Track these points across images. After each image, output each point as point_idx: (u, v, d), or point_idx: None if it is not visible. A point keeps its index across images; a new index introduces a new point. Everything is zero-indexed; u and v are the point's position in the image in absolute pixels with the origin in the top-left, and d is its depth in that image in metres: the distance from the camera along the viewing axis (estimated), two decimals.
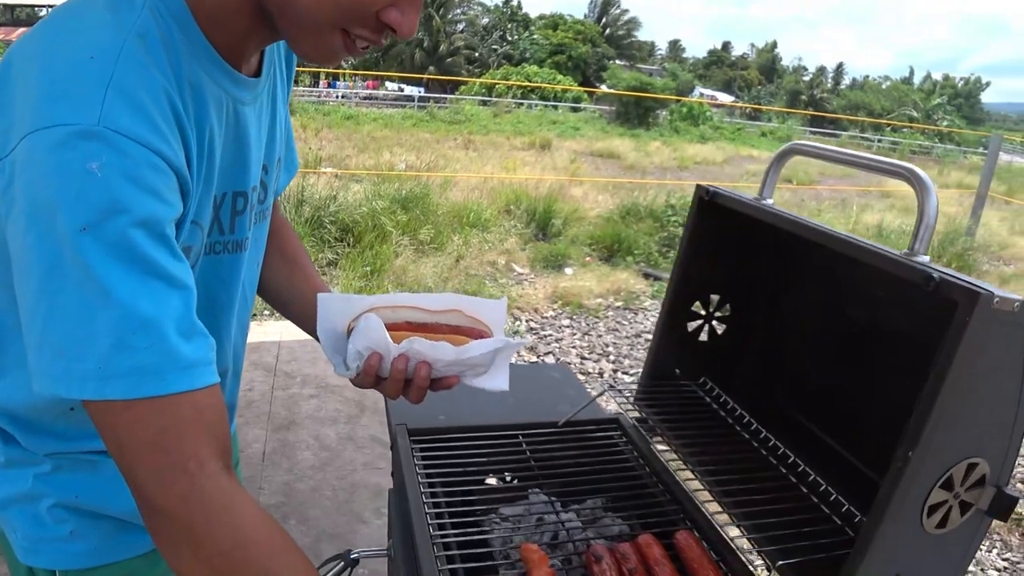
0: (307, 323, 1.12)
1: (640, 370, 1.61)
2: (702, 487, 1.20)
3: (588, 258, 7.52)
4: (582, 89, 27.42)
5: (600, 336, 5.67)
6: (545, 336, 5.55)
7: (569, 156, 14.51)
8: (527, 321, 5.81)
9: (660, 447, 1.32)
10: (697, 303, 1.39)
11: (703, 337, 1.42)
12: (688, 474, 1.24)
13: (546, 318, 5.96)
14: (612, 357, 5.28)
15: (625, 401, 1.36)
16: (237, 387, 1.10)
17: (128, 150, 0.67)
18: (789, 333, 1.34)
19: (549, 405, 1.48)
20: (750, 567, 1.04)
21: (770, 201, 1.20)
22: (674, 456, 1.28)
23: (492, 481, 1.31)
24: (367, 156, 11.52)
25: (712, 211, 1.27)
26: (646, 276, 7.09)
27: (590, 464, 1.28)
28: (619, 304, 6.38)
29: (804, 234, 1.09)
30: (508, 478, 1.29)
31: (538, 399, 1.51)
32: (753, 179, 14.18)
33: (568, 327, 5.85)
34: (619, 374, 5.04)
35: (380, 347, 0.93)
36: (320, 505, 2.69)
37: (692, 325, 1.40)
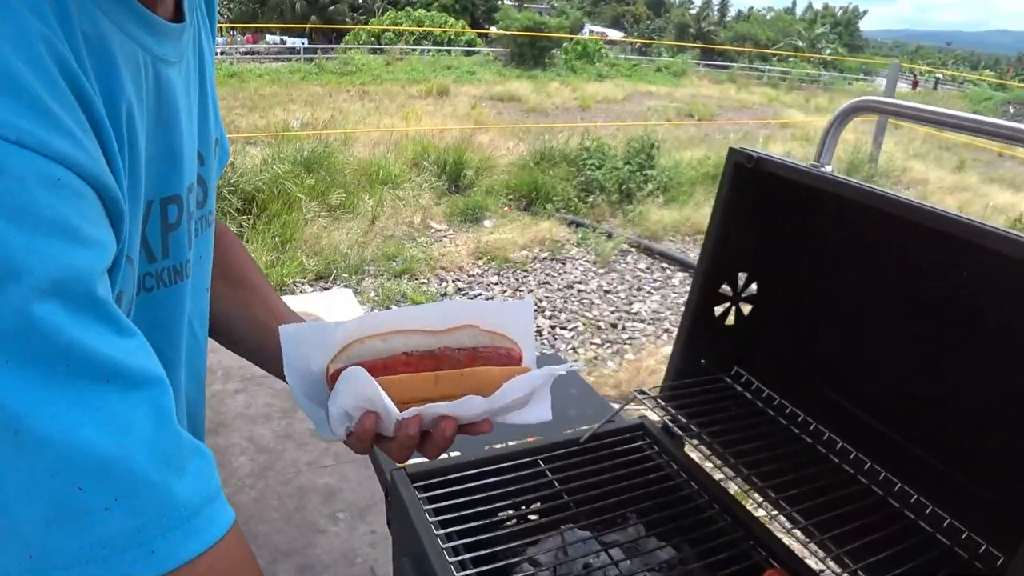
0: (270, 362, 0.82)
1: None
2: (760, 500, 1.03)
3: (506, 208, 7.30)
4: (474, 32, 26.65)
5: (532, 291, 5.50)
6: (475, 296, 5.33)
7: (469, 102, 14.07)
8: (454, 281, 5.57)
9: (695, 453, 1.14)
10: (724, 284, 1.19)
11: (729, 320, 1.23)
12: (735, 483, 1.07)
13: (473, 276, 5.74)
14: (548, 313, 5.12)
15: (655, 405, 1.16)
16: None
17: (5, 164, 0.39)
18: (833, 314, 1.17)
19: (556, 411, 1.27)
20: None
21: (829, 168, 1.01)
22: (718, 464, 1.10)
23: (511, 516, 1.09)
24: (257, 116, 10.78)
25: (751, 179, 1.06)
26: (569, 224, 6.94)
27: (626, 484, 1.08)
28: (545, 255, 6.22)
29: (879, 205, 0.91)
30: (535, 515, 1.08)
31: None
32: (655, 115, 14.23)
33: (497, 284, 5.65)
34: (558, 330, 4.89)
35: (375, 406, 0.68)
36: (267, 519, 2.41)
37: (718, 309, 1.21)
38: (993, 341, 0.92)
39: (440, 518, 0.94)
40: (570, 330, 4.88)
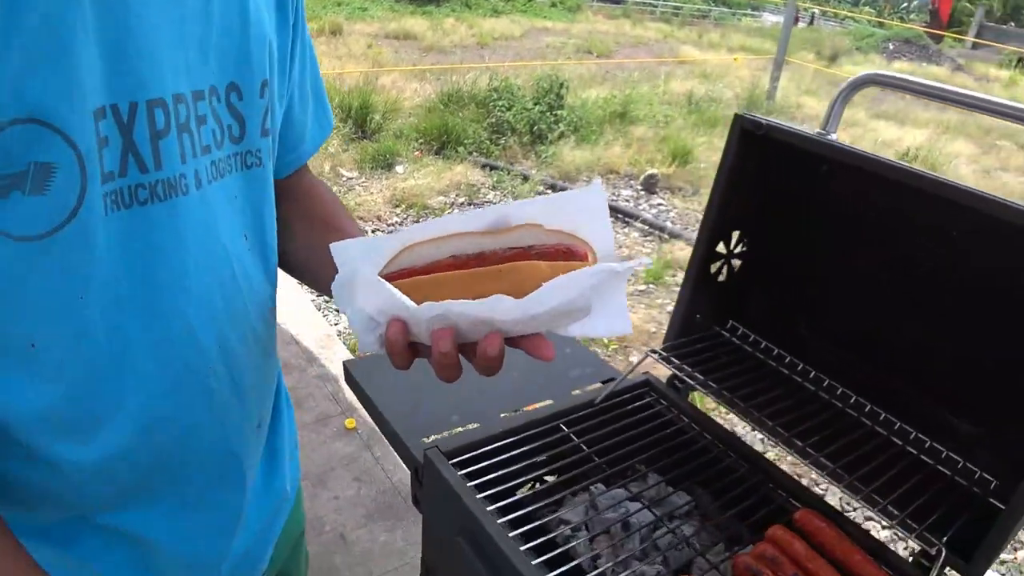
0: None
1: None
2: (775, 446, 1.09)
3: (418, 153, 7.15)
4: None
5: None
6: None
7: (365, 41, 13.51)
8: (373, 231, 5.45)
9: (700, 405, 1.19)
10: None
11: (721, 277, 1.27)
12: (748, 432, 1.12)
13: (392, 224, 5.63)
14: None
15: (662, 361, 1.20)
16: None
17: None
18: (827, 269, 1.22)
19: (559, 373, 1.29)
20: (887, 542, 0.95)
21: (835, 136, 1.05)
22: (725, 414, 1.15)
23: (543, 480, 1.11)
24: None
25: (757, 145, 1.09)
26: (483, 167, 6.88)
27: (648, 440, 1.12)
28: (463, 200, 6.17)
29: (882, 171, 0.96)
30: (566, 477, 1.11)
31: (541, 368, 1.31)
32: (555, 53, 14.15)
33: None
34: None
35: (397, 310, 0.60)
36: None
37: (712, 267, 1.25)
38: (972, 292, 1.00)
39: (485, 494, 0.95)
40: None
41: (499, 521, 0.89)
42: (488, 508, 0.91)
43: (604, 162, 7.15)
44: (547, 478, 1.10)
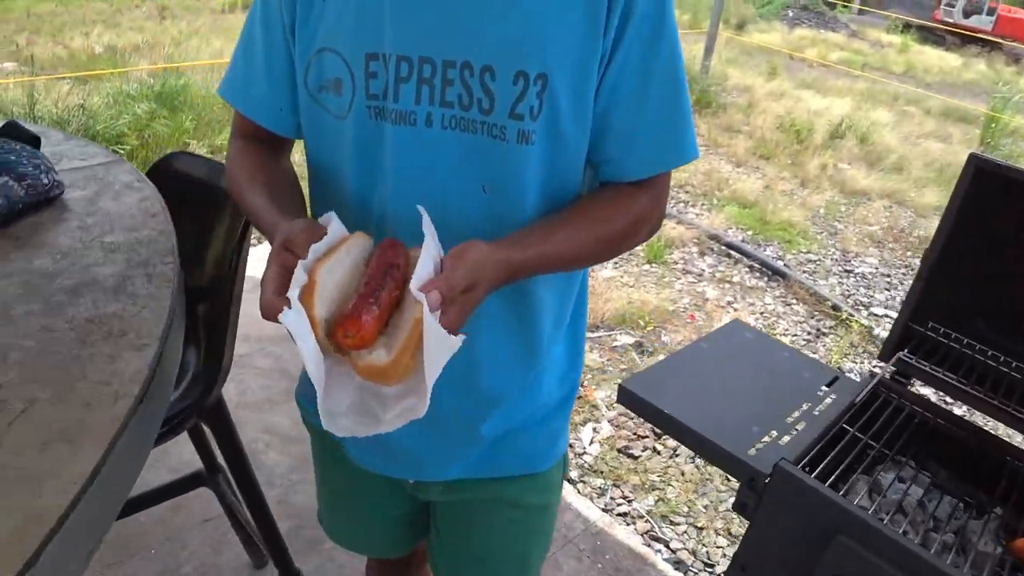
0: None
1: None
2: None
3: None
4: None
5: None
6: None
7: None
8: None
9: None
10: None
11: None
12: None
13: None
14: None
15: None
16: None
17: None
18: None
19: (793, 375, 1.49)
20: None
21: None
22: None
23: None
24: (51, 42, 9.36)
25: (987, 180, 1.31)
26: None
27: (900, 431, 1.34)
28: None
29: None
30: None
31: (776, 373, 1.51)
32: None
33: None
34: None
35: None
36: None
37: None
38: None
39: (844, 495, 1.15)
40: None
41: (870, 514, 1.10)
42: (860, 506, 1.11)
43: None
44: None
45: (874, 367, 1.52)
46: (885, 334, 4.07)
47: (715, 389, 1.42)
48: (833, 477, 1.18)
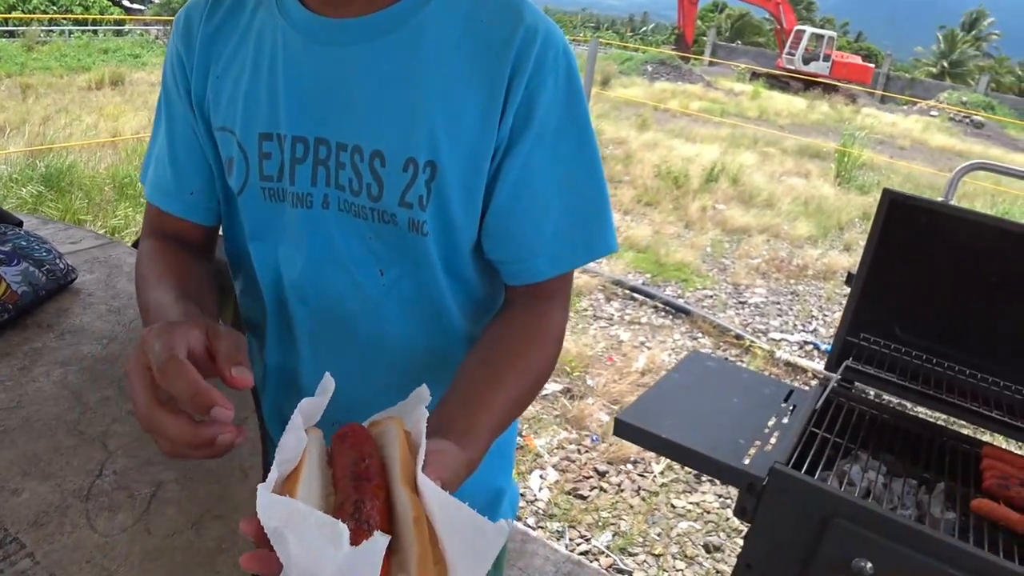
0: None
1: None
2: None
3: None
4: (121, 8, 23.64)
5: None
6: None
7: (149, 89, 12.80)
8: None
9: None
10: None
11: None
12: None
13: None
14: None
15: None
16: None
17: None
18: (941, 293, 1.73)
19: (755, 390, 1.69)
20: None
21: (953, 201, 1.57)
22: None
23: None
24: None
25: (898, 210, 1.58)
26: None
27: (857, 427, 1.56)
28: None
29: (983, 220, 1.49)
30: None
31: (741, 392, 1.70)
32: None
33: None
34: None
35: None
36: None
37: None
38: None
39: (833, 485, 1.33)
40: None
41: (857, 497, 1.29)
42: (850, 492, 1.30)
43: None
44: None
45: (820, 377, 1.76)
46: (785, 356, 4.48)
47: (697, 412, 1.59)
48: (817, 472, 1.37)
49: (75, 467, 0.87)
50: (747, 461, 1.41)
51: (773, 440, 1.51)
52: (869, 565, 1.23)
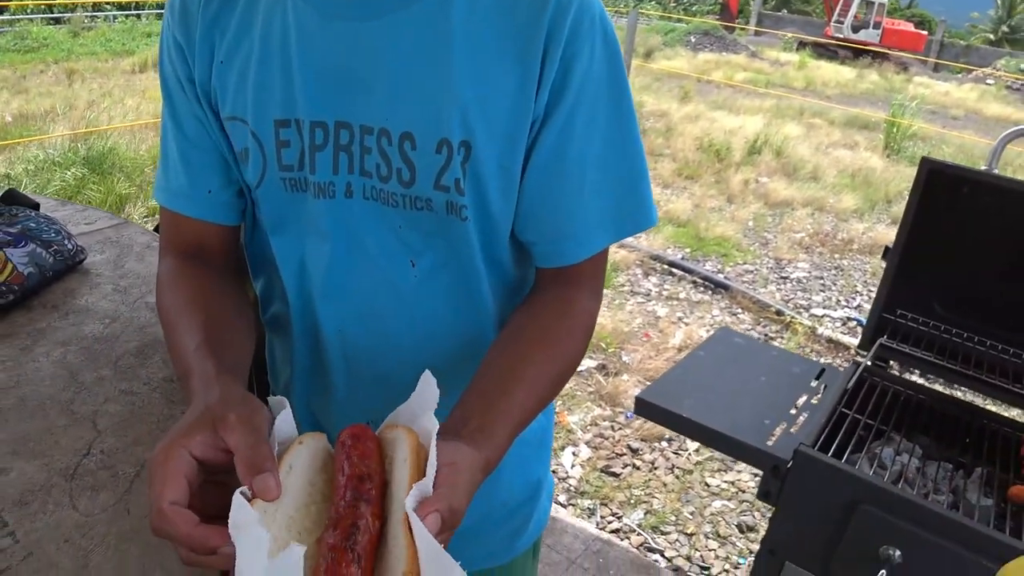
0: None
1: None
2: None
3: None
4: None
5: None
6: None
7: None
8: None
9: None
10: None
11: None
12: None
13: None
14: None
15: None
16: None
17: None
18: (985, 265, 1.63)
19: (783, 371, 1.62)
20: None
21: (996, 170, 1.47)
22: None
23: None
24: None
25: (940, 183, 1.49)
26: None
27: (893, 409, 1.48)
28: None
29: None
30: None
31: (774, 372, 1.63)
32: None
33: None
34: None
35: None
36: None
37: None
38: None
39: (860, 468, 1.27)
40: None
41: (885, 482, 1.22)
42: (879, 476, 1.23)
43: None
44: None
45: (856, 355, 1.68)
46: (827, 332, 4.35)
47: (722, 391, 1.53)
48: (845, 455, 1.31)
49: (63, 447, 0.86)
50: (771, 442, 1.35)
51: (800, 421, 1.44)
52: (898, 553, 1.16)
